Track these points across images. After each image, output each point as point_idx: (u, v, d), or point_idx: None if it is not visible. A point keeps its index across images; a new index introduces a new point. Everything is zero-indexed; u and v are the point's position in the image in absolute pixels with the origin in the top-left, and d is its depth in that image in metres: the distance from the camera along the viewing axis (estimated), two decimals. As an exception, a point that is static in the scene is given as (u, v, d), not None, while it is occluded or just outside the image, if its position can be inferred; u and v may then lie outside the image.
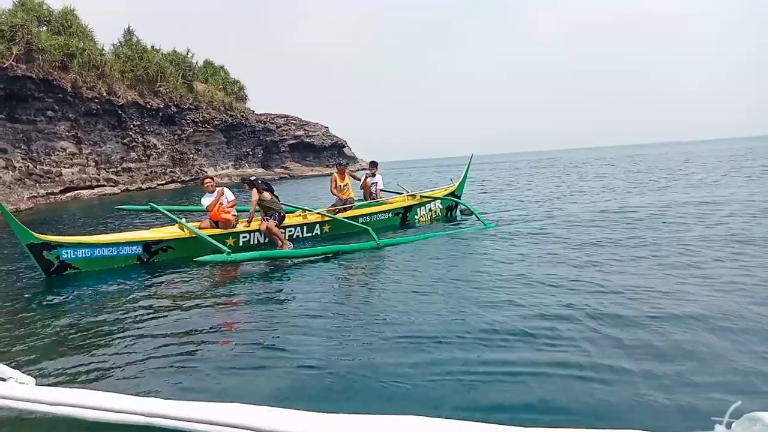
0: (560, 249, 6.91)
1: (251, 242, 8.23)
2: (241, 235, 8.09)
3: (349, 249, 7.61)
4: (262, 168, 51.70)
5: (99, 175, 30.84)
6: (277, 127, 57.26)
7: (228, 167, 45.44)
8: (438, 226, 10.18)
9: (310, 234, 9.01)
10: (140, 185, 33.79)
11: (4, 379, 1.36)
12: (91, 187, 29.68)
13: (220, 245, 6.97)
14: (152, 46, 38.84)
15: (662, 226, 8.22)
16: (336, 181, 10.07)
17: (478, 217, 9.79)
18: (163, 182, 36.01)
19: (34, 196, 24.70)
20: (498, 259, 6.49)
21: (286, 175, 52.96)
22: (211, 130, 42.16)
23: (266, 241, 8.22)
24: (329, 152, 64.88)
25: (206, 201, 8.11)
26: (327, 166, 61.10)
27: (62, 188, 27.52)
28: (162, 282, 6.37)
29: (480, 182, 23.21)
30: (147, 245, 7.44)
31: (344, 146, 68.40)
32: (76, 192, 28.35)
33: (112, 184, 31.56)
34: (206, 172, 41.41)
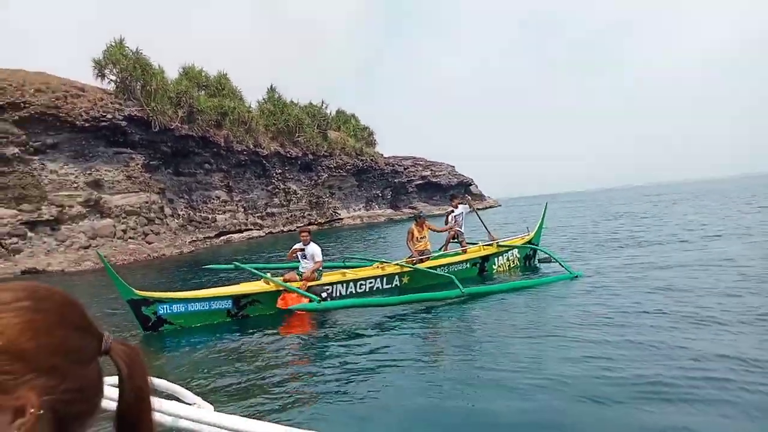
0: (663, 302, 6.26)
1: (333, 294, 8.33)
2: (324, 287, 8.19)
3: (434, 297, 7.58)
4: (391, 209, 52.99)
5: (247, 220, 33.65)
6: (405, 169, 58.72)
7: (360, 209, 47.24)
8: (518, 275, 9.78)
9: (389, 286, 8.91)
10: (282, 228, 36.23)
11: (189, 404, 1.40)
12: (240, 231, 32.40)
13: (309, 294, 7.17)
14: (291, 101, 42.28)
15: None
16: (413, 233, 9.91)
17: (562, 266, 8.92)
18: (302, 225, 38.25)
19: (194, 240, 27.52)
20: (589, 314, 5.90)
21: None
22: (344, 174, 44.35)
23: (348, 292, 8.47)
24: (455, 191, 64.54)
25: (296, 246, 8.39)
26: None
27: (217, 233, 30.38)
28: (260, 331, 6.64)
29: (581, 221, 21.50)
30: (236, 299, 7.52)
31: (470, 184, 67.95)
32: (228, 236, 31.12)
33: (257, 228, 34.22)
34: (339, 215, 43.38)
